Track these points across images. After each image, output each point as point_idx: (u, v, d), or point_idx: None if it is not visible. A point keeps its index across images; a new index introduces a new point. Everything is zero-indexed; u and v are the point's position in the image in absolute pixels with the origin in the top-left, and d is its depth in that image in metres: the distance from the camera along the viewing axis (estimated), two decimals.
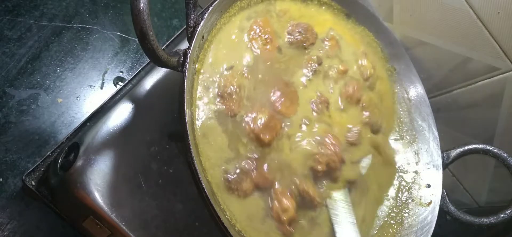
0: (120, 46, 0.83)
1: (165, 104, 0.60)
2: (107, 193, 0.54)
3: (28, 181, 0.64)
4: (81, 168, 0.54)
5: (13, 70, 0.71)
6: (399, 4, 0.77)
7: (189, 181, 0.47)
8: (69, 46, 0.78)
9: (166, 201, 0.57)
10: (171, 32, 0.91)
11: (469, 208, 0.91)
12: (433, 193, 0.69)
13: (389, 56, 0.76)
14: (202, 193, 0.46)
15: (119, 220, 0.54)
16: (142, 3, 0.42)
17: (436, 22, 0.75)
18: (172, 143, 0.59)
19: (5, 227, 0.64)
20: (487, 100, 0.77)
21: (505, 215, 0.67)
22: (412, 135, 0.74)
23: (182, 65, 0.49)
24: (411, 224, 0.66)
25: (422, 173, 0.71)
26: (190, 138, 0.46)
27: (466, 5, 0.70)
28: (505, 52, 0.70)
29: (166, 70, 0.61)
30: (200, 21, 0.51)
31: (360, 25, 0.75)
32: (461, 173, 0.89)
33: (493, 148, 0.70)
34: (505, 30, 0.68)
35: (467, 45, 0.73)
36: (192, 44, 0.50)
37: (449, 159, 0.71)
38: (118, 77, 0.81)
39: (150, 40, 0.43)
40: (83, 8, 0.82)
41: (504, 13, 0.67)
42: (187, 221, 0.58)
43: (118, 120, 0.58)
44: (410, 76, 0.76)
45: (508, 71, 0.72)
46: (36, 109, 0.71)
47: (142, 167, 0.57)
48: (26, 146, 0.68)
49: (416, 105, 0.75)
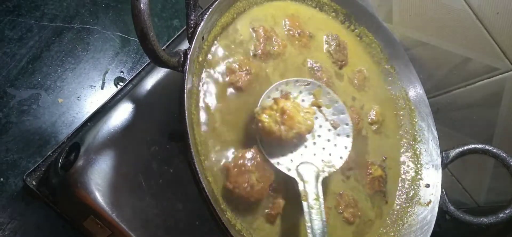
0: (120, 47, 0.83)
1: (165, 104, 0.60)
2: (107, 192, 0.54)
3: (29, 180, 0.64)
4: (81, 167, 0.55)
5: (14, 70, 0.71)
6: (399, 4, 0.77)
7: (189, 181, 0.47)
8: (70, 47, 0.78)
9: (166, 200, 0.57)
10: (171, 33, 0.91)
11: (468, 207, 0.91)
12: (433, 193, 0.69)
13: (388, 56, 0.76)
14: (202, 193, 0.46)
15: (119, 220, 0.54)
16: (143, 4, 0.42)
17: (435, 22, 0.75)
18: (172, 142, 0.59)
19: (6, 226, 0.64)
20: (486, 100, 0.77)
21: (504, 215, 0.67)
22: (412, 135, 0.74)
23: (182, 65, 0.49)
24: (410, 224, 0.67)
25: (421, 173, 0.71)
26: (190, 138, 0.47)
27: (465, 6, 0.70)
28: (504, 52, 0.71)
29: (166, 70, 0.62)
30: (201, 21, 0.51)
31: (360, 25, 0.75)
32: (461, 173, 0.89)
33: (492, 148, 0.70)
34: (504, 30, 0.69)
35: (467, 45, 0.74)
36: (192, 44, 0.50)
37: (448, 158, 0.71)
38: (118, 77, 0.81)
39: (151, 41, 0.44)
40: (84, 9, 0.82)
41: (503, 13, 0.67)
42: (187, 221, 0.58)
43: (119, 120, 0.58)
44: (410, 77, 0.76)
45: (507, 71, 0.72)
46: (37, 110, 0.71)
47: (143, 166, 0.57)
48: (27, 146, 0.68)
49: (415, 106, 0.75)
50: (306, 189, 0.52)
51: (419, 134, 0.74)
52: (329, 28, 0.71)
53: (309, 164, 0.55)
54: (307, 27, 0.68)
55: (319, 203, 0.52)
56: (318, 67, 0.65)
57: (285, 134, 0.53)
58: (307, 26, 0.68)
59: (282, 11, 0.67)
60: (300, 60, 0.64)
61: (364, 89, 0.71)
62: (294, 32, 0.65)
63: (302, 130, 0.54)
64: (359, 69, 0.72)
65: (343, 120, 0.59)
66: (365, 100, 0.70)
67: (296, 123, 0.54)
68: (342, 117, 0.59)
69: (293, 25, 0.66)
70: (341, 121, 0.59)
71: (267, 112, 0.54)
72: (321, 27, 0.70)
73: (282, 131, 0.53)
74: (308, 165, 0.55)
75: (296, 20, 0.67)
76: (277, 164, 0.54)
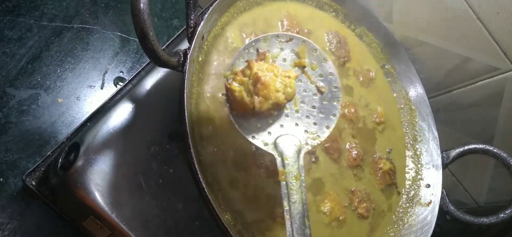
0: (120, 46, 0.83)
1: (165, 104, 0.60)
2: (107, 192, 0.54)
3: (28, 180, 0.64)
4: (81, 167, 0.55)
5: (13, 70, 0.71)
6: (399, 4, 0.77)
7: (189, 181, 0.47)
8: (70, 46, 0.78)
9: (166, 200, 0.57)
10: (171, 32, 0.91)
11: (468, 208, 0.91)
12: (433, 193, 0.69)
13: (389, 56, 0.76)
14: (202, 193, 0.46)
15: (119, 220, 0.54)
16: (143, 3, 0.42)
17: (436, 22, 0.75)
18: (172, 143, 0.59)
19: (6, 226, 0.64)
20: (487, 100, 0.77)
21: (504, 215, 0.67)
22: (412, 134, 0.74)
23: (182, 65, 0.49)
24: (411, 224, 0.67)
25: (421, 173, 0.71)
26: (190, 138, 0.47)
27: (465, 5, 0.70)
28: (504, 52, 0.70)
29: (166, 70, 0.62)
30: (200, 21, 0.51)
31: (360, 25, 0.75)
32: (461, 173, 0.89)
33: (493, 148, 0.70)
34: (505, 30, 0.68)
35: (467, 45, 0.73)
36: (192, 44, 0.50)
37: (448, 159, 0.71)
38: (118, 77, 0.81)
39: (151, 40, 0.43)
40: (84, 8, 0.82)
41: (504, 13, 0.67)
42: (187, 221, 0.58)
43: (119, 120, 0.58)
44: (410, 77, 0.76)
45: (508, 71, 0.72)
46: (36, 109, 0.71)
47: (142, 166, 0.57)
48: (26, 146, 0.68)
49: (416, 106, 0.75)
50: (285, 166, 0.46)
51: (419, 134, 0.74)
52: (328, 25, 0.71)
53: (290, 136, 0.48)
54: (305, 25, 0.67)
55: (299, 182, 0.45)
56: None
57: (259, 106, 0.46)
58: (305, 25, 0.67)
59: (278, 12, 0.66)
60: None
61: (368, 88, 0.72)
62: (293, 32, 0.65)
63: (280, 99, 0.47)
64: (367, 68, 0.73)
65: (332, 82, 0.51)
66: (370, 99, 0.71)
67: (273, 92, 0.46)
68: (331, 79, 0.51)
69: (291, 24, 0.66)
70: (329, 84, 0.51)
71: (238, 79, 0.47)
72: (320, 25, 0.70)
73: (255, 102, 0.46)
74: (288, 137, 0.48)
75: (293, 19, 0.67)
76: (252, 138, 0.48)
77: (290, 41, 0.51)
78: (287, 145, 0.48)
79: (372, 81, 0.73)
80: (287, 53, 0.51)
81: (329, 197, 0.60)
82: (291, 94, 0.48)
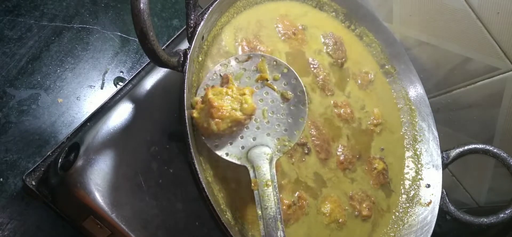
0: (120, 46, 0.83)
1: (165, 104, 0.60)
2: (107, 193, 0.54)
3: (28, 181, 0.64)
4: (81, 168, 0.54)
5: (13, 70, 0.71)
6: (399, 4, 0.77)
7: (189, 181, 0.47)
8: (70, 46, 0.78)
9: (166, 200, 0.57)
10: (171, 32, 0.91)
11: (469, 208, 0.91)
12: (433, 193, 0.69)
13: (389, 56, 0.76)
14: (202, 193, 0.46)
15: (119, 220, 0.54)
16: (142, 3, 0.42)
17: (436, 22, 0.75)
18: (172, 143, 0.59)
19: (6, 226, 0.64)
20: (487, 100, 0.77)
21: (504, 215, 0.67)
22: (412, 134, 0.74)
23: (182, 65, 0.49)
24: (411, 224, 0.67)
25: (421, 173, 0.71)
26: (190, 138, 0.47)
27: (466, 5, 0.70)
28: (504, 52, 0.70)
29: (166, 70, 0.61)
30: (200, 21, 0.51)
31: (360, 25, 0.75)
32: (461, 173, 0.89)
33: (493, 148, 0.70)
34: (504, 30, 0.69)
35: (467, 45, 0.74)
36: (192, 44, 0.50)
37: (448, 158, 0.71)
38: (118, 77, 0.81)
39: (150, 40, 0.43)
40: (84, 8, 0.82)
41: (504, 13, 0.67)
42: (187, 221, 0.58)
43: (118, 120, 0.58)
44: (410, 77, 0.76)
45: (508, 71, 0.72)
46: (36, 110, 0.71)
47: (142, 167, 0.57)
48: (26, 146, 0.68)
49: (416, 106, 0.75)
50: (257, 176, 0.48)
51: (419, 134, 0.74)
52: (324, 25, 0.71)
53: (262, 147, 0.51)
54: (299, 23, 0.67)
55: (270, 189, 0.47)
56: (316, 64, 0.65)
57: (216, 127, 0.48)
58: (300, 22, 0.68)
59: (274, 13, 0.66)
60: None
61: (366, 91, 0.72)
62: (290, 34, 0.65)
63: (237, 116, 0.50)
64: (365, 71, 0.73)
65: (296, 87, 0.53)
66: (367, 102, 0.71)
67: (229, 111, 0.49)
68: (295, 85, 0.53)
69: (285, 26, 0.65)
70: (293, 89, 0.53)
71: (198, 107, 0.50)
72: (315, 25, 0.70)
73: (212, 125, 0.48)
74: (260, 148, 0.51)
75: (286, 19, 0.67)
76: (225, 155, 0.50)
77: (249, 60, 0.55)
78: (258, 156, 0.50)
79: (370, 83, 0.73)
80: (249, 71, 0.54)
81: (330, 198, 0.60)
82: (249, 109, 0.51)
